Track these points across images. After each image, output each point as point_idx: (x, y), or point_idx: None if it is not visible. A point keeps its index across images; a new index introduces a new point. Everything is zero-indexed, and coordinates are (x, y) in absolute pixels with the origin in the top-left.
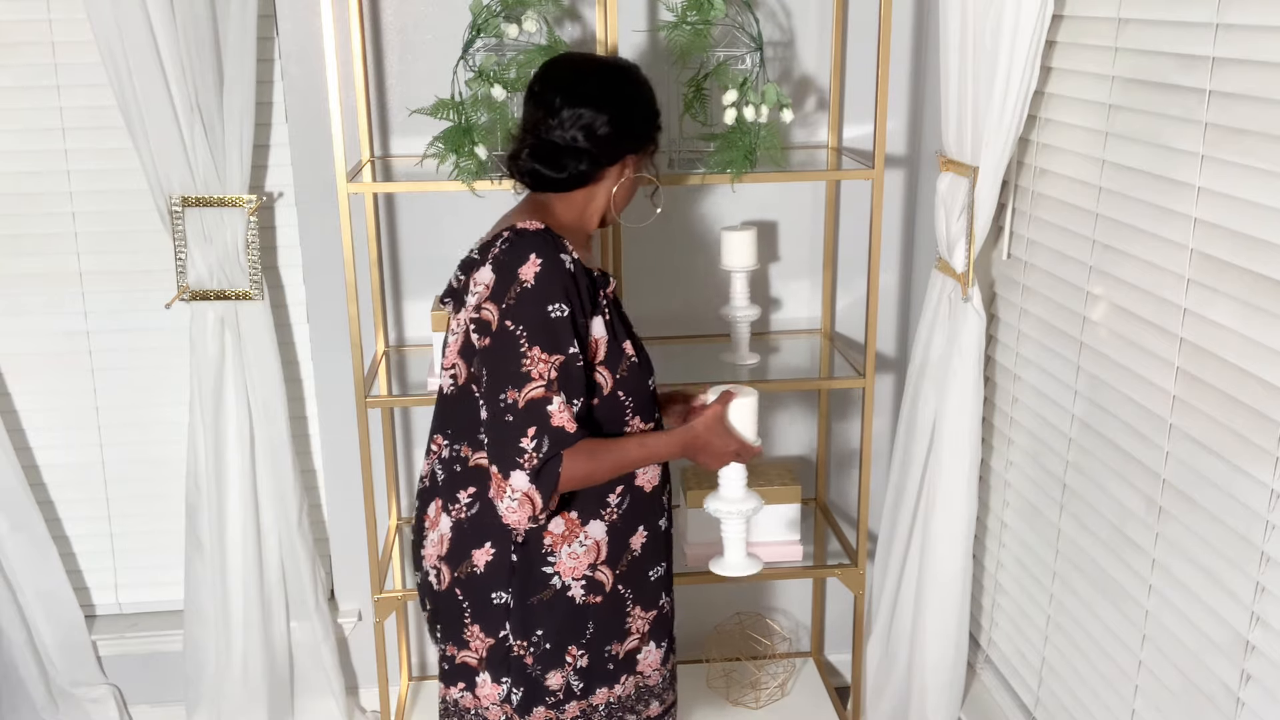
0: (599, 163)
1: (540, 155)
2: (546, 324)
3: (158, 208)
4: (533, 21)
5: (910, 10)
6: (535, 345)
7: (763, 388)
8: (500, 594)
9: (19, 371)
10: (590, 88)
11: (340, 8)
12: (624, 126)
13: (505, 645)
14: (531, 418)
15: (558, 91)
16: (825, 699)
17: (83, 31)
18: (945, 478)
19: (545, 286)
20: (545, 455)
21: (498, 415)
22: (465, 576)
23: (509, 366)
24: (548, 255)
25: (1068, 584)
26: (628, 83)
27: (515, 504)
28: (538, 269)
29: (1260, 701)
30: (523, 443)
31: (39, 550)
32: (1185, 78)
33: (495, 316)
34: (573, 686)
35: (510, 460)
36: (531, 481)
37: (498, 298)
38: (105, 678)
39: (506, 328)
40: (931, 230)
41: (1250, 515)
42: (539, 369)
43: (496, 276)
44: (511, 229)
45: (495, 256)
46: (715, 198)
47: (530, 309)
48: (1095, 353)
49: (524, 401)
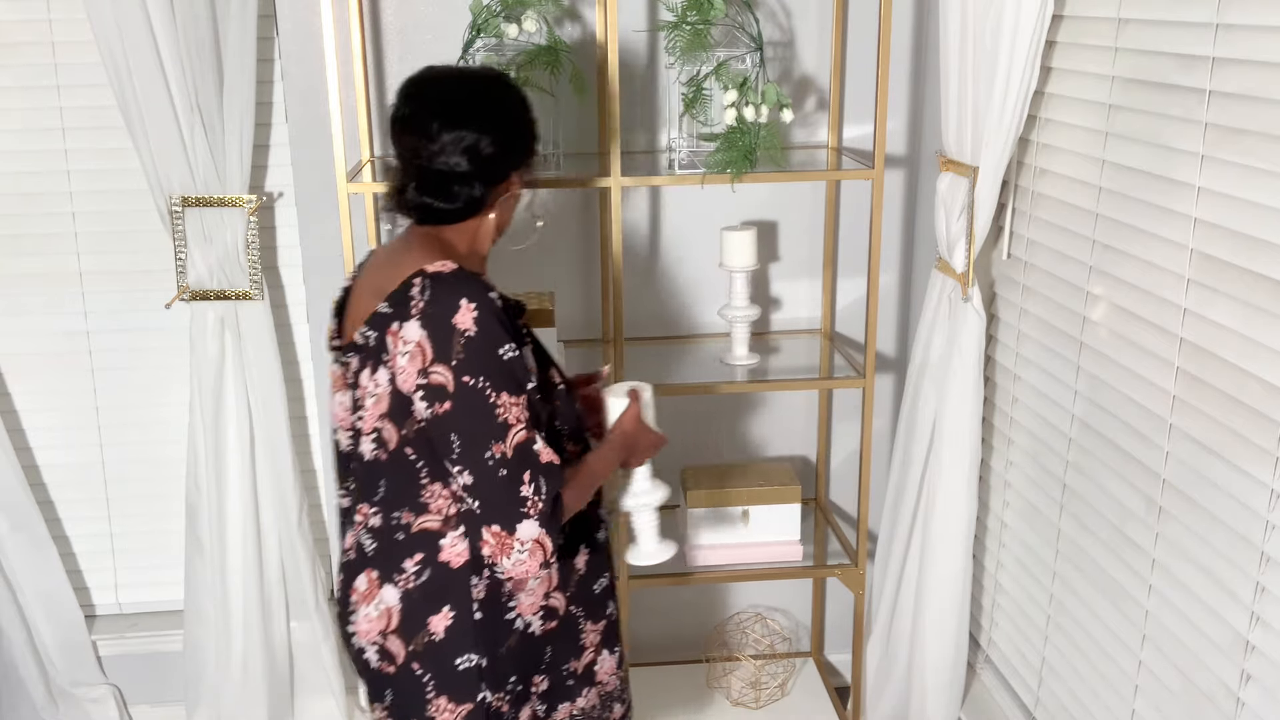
0: (489, 185)
1: (428, 187)
2: (503, 367)
3: (158, 208)
4: (533, 21)
5: (910, 10)
6: (502, 391)
7: (763, 388)
8: (469, 657)
9: (19, 371)
10: (467, 107)
11: (340, 8)
12: (508, 143)
13: (484, 706)
14: (524, 464)
15: (433, 115)
16: (825, 699)
17: (83, 31)
18: (945, 478)
19: (488, 330)
20: (546, 496)
21: (488, 474)
22: (424, 647)
23: (485, 422)
24: (479, 298)
25: (1068, 584)
26: (503, 95)
27: (526, 555)
28: (475, 314)
29: (1260, 701)
30: (523, 491)
31: (39, 550)
32: (1185, 78)
33: (450, 377)
34: (538, 713)
35: (514, 513)
36: (542, 527)
37: (444, 356)
38: (105, 678)
39: (466, 384)
40: (931, 230)
41: (1250, 515)
42: (514, 413)
43: (430, 333)
44: (423, 275)
45: (422, 311)
46: (715, 198)
47: (484, 358)
48: (1095, 353)
49: (512, 450)
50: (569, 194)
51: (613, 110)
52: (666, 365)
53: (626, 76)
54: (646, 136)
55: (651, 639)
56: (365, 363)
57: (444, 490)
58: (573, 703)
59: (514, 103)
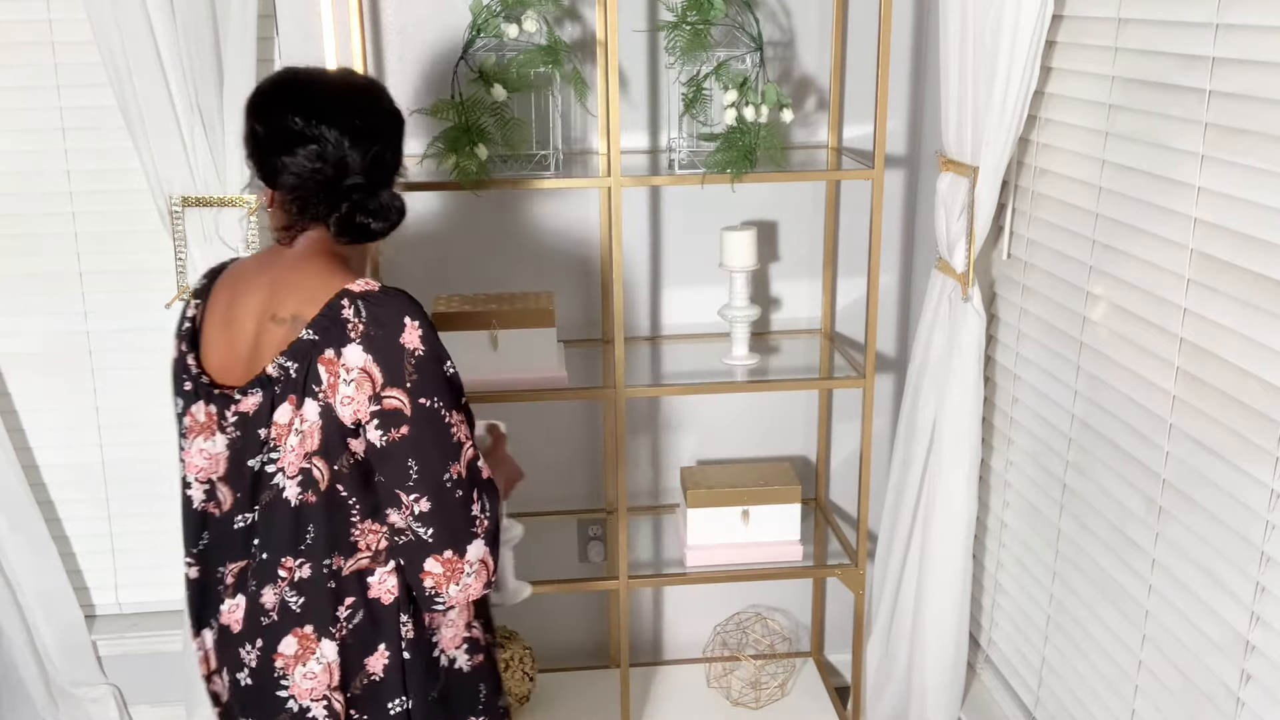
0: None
1: (367, 208)
2: (449, 384)
3: (158, 208)
4: (533, 21)
5: (910, 10)
6: (452, 409)
7: (763, 388)
8: (399, 700)
9: (19, 371)
10: (368, 117)
11: (340, 8)
12: (400, 147)
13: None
14: (473, 481)
15: (340, 128)
16: (825, 699)
17: (83, 31)
18: (945, 478)
19: (434, 347)
20: (491, 513)
21: (446, 496)
22: (362, 690)
23: (443, 444)
24: (420, 315)
25: (1068, 584)
26: (381, 96)
27: (472, 578)
28: (420, 332)
29: (1260, 701)
30: (473, 510)
31: (39, 550)
32: (1185, 78)
33: (406, 401)
34: None
35: (466, 533)
36: (487, 544)
37: (397, 380)
38: (105, 678)
39: (424, 406)
40: (931, 230)
41: (1250, 515)
42: (463, 431)
43: (376, 355)
44: (349, 295)
45: (364, 334)
46: (715, 198)
47: (436, 378)
48: (1095, 353)
49: (465, 469)
50: (571, 194)
51: (613, 110)
52: (666, 365)
53: (626, 76)
54: (646, 136)
55: (651, 639)
56: (283, 397)
57: (374, 526)
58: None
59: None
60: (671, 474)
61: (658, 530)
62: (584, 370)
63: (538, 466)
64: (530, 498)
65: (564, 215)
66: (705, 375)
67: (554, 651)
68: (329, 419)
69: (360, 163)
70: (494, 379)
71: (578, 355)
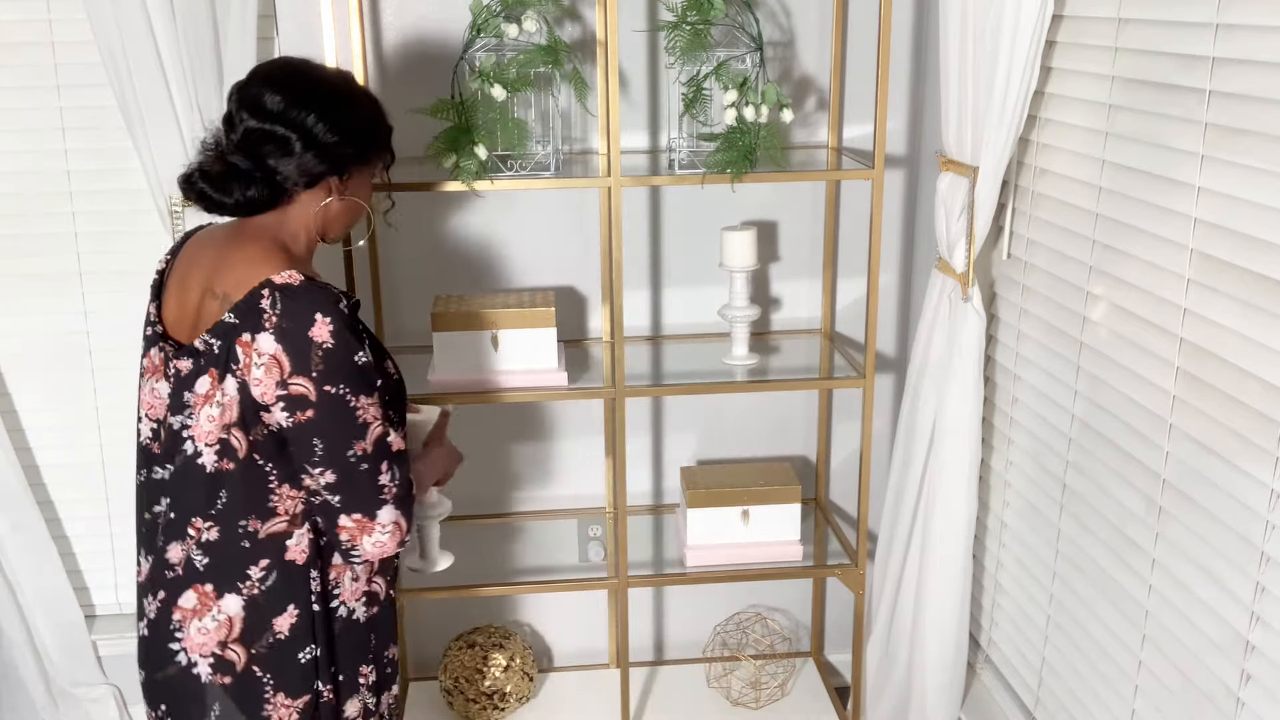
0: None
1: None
2: (359, 372)
3: (158, 208)
4: (533, 21)
5: (910, 10)
6: (360, 394)
7: (763, 388)
8: (309, 649)
9: (19, 371)
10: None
11: (340, 8)
12: (344, 135)
13: (317, 696)
14: (381, 455)
15: (277, 89)
16: (825, 699)
17: (83, 31)
18: (945, 478)
19: (344, 341)
20: (400, 480)
21: (350, 469)
22: (268, 648)
23: (348, 425)
24: (333, 312)
25: (1068, 584)
26: (354, 92)
27: (386, 536)
28: (331, 328)
29: (1260, 701)
30: (381, 479)
31: (39, 550)
32: (1185, 78)
33: (311, 388)
34: (368, 705)
35: (374, 500)
36: (398, 508)
37: (304, 369)
38: (105, 678)
39: (329, 393)
40: (931, 230)
41: (1250, 515)
42: (372, 413)
43: (286, 346)
44: (271, 286)
45: (276, 325)
46: (715, 198)
47: (343, 368)
48: (1095, 353)
49: (372, 446)
50: (571, 194)
51: (613, 110)
52: (666, 365)
53: (626, 76)
54: (646, 136)
55: (651, 639)
56: (204, 369)
57: (292, 491)
58: (390, 691)
59: (363, 102)
60: (671, 474)
61: (658, 530)
62: (584, 370)
63: (538, 466)
64: (530, 498)
65: (564, 215)
66: (705, 375)
67: (554, 651)
68: (245, 395)
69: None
70: (494, 379)
71: (578, 355)
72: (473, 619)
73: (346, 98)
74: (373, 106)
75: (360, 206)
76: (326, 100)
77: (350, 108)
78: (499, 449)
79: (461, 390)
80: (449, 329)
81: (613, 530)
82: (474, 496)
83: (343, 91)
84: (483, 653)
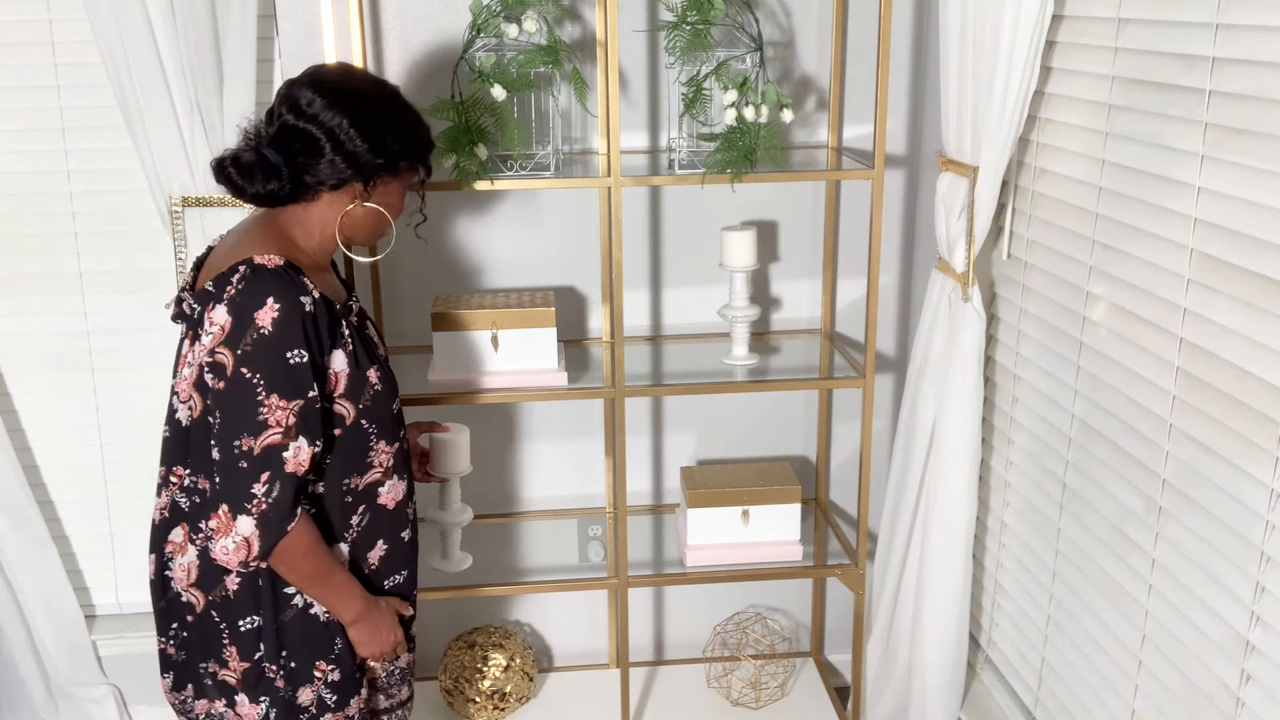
0: (333, 176)
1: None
2: (285, 371)
3: (158, 208)
4: (533, 21)
5: (910, 10)
6: (273, 393)
7: (763, 388)
8: (251, 618)
9: (19, 371)
10: (354, 93)
11: (340, 8)
12: (371, 142)
13: (260, 666)
14: (265, 464)
15: (317, 90)
16: (825, 699)
17: (83, 31)
18: (945, 478)
19: (283, 333)
20: (276, 500)
21: (231, 459)
22: (220, 600)
23: (245, 413)
24: (286, 299)
25: (1068, 584)
26: (393, 102)
27: (233, 546)
28: (276, 314)
29: (1260, 701)
30: (254, 488)
31: (39, 550)
32: (1185, 78)
33: (230, 362)
34: (325, 700)
35: (239, 504)
36: (259, 527)
37: (233, 343)
38: (105, 678)
39: (243, 375)
40: (931, 230)
41: (1250, 515)
42: (276, 416)
43: (232, 319)
44: (249, 264)
45: (231, 298)
46: (715, 198)
47: (268, 357)
48: (1095, 353)
49: (260, 449)
50: (571, 194)
51: (613, 110)
52: (666, 365)
53: (626, 76)
54: (646, 136)
55: (651, 639)
56: (187, 334)
57: None
58: (360, 697)
59: (402, 116)
60: (671, 474)
61: (658, 530)
62: (584, 370)
63: (538, 466)
64: (530, 498)
65: (564, 215)
66: (705, 375)
67: (554, 651)
68: (201, 363)
69: (272, 133)
70: (494, 379)
71: (577, 355)
72: (473, 619)
73: (384, 109)
74: (412, 122)
75: (384, 216)
76: (362, 108)
77: (385, 119)
78: (499, 449)
79: (461, 390)
80: (449, 329)
81: (613, 530)
82: (474, 496)
83: (381, 102)
84: (483, 653)
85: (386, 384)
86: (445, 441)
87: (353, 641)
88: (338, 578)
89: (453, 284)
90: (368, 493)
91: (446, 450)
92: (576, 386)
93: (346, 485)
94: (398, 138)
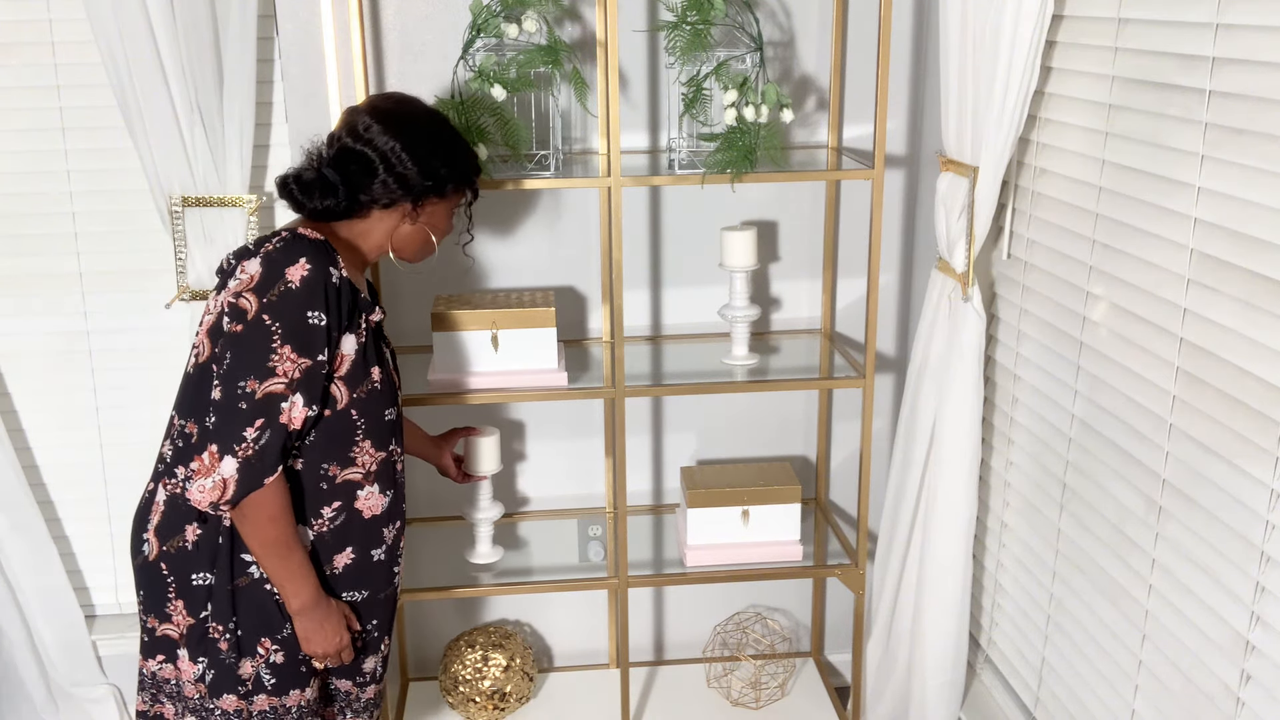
0: (388, 196)
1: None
2: (303, 327)
3: (158, 208)
4: (533, 21)
5: (910, 10)
6: (287, 344)
7: (763, 388)
8: (204, 575)
9: (19, 371)
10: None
11: (340, 8)
12: (424, 169)
13: (205, 625)
14: (263, 411)
15: (377, 117)
16: (825, 699)
17: (83, 31)
18: (945, 478)
19: (309, 292)
20: (264, 448)
21: (231, 399)
22: (175, 551)
23: (257, 357)
24: (317, 263)
25: (1068, 584)
26: (447, 134)
27: (210, 485)
28: (305, 273)
29: (1260, 701)
30: (246, 431)
31: (39, 550)
32: (1185, 78)
33: (254, 307)
34: (264, 679)
35: (228, 444)
36: (238, 471)
37: (261, 291)
38: (105, 678)
39: (263, 321)
40: (931, 230)
41: (1250, 515)
42: (285, 367)
43: (264, 270)
44: (291, 230)
45: (267, 252)
46: (715, 198)
47: (291, 309)
48: (1095, 353)
49: (262, 394)
50: (571, 194)
51: (613, 110)
52: (666, 365)
53: (626, 76)
54: (646, 136)
55: (651, 639)
56: (217, 288)
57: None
58: (303, 692)
59: (450, 144)
60: (671, 474)
61: (658, 530)
62: (584, 370)
63: (538, 466)
64: (530, 498)
65: (564, 215)
66: (705, 375)
67: (554, 651)
68: (222, 308)
69: (332, 154)
70: (494, 379)
71: (577, 355)
72: (473, 619)
73: (435, 136)
74: (459, 149)
75: (429, 235)
76: (415, 134)
77: (436, 145)
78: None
79: (461, 390)
80: (449, 329)
81: (613, 530)
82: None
83: (432, 129)
84: (483, 653)
85: (387, 387)
86: (474, 443)
87: (298, 632)
88: (297, 556)
89: (453, 284)
90: (345, 489)
91: (475, 451)
92: (576, 386)
93: (324, 470)
94: (445, 162)
